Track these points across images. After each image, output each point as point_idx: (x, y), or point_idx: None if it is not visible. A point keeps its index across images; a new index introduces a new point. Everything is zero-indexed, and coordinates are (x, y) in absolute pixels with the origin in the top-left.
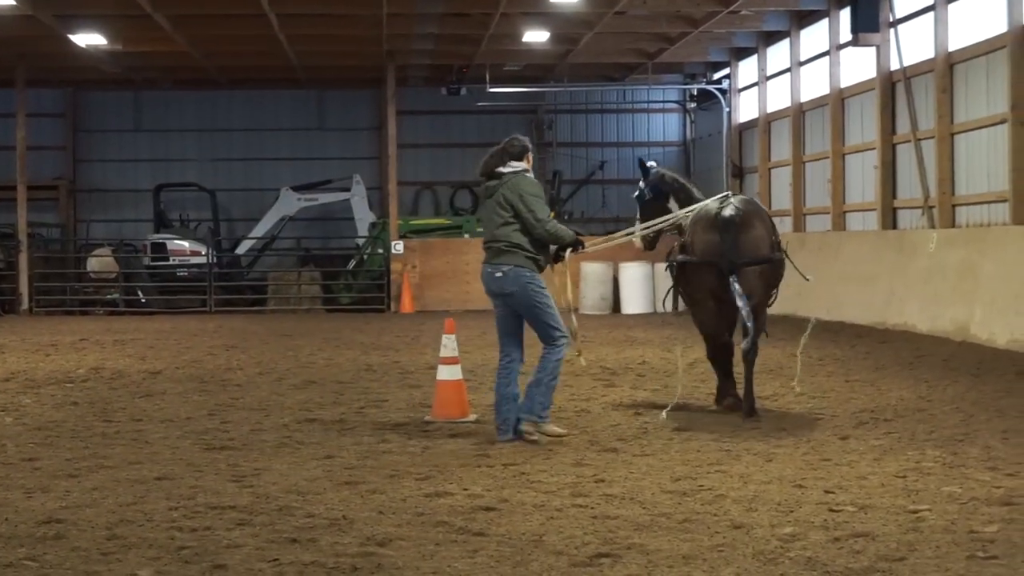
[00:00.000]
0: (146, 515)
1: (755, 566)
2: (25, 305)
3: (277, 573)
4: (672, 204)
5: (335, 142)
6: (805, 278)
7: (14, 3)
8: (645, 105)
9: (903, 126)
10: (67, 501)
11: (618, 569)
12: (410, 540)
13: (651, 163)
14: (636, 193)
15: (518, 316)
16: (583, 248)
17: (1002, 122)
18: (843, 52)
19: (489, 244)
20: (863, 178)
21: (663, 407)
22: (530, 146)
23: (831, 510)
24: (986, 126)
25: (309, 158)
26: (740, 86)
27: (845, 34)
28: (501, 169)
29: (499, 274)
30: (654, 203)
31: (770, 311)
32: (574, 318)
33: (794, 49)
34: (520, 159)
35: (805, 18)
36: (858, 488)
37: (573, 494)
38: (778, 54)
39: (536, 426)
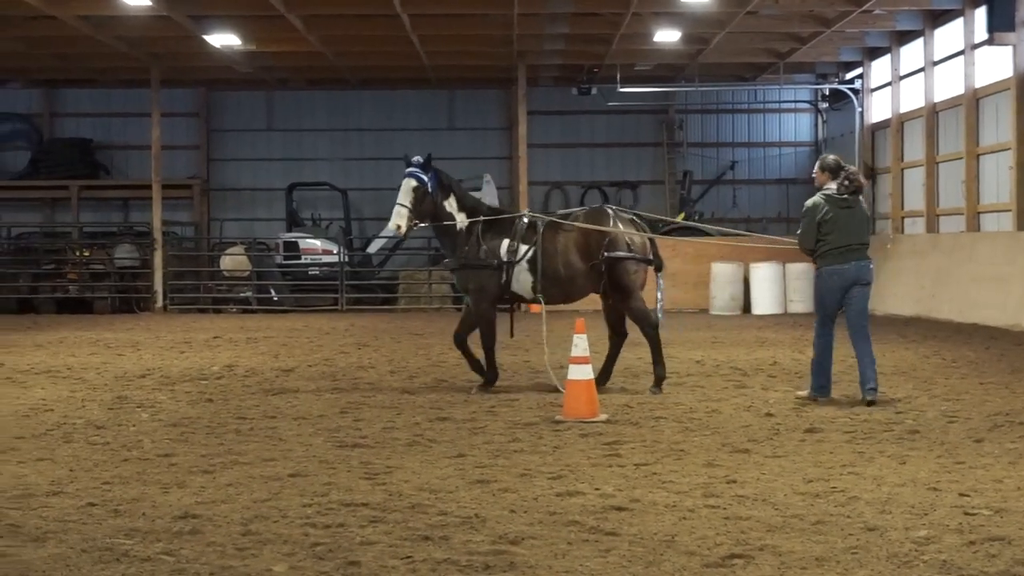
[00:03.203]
0: (280, 511)
1: (889, 569)
2: (160, 303)
3: (410, 570)
4: (451, 201)
5: (465, 142)
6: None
7: (149, 3)
8: (776, 105)
9: None
10: (202, 497)
11: (750, 570)
12: (542, 539)
13: (416, 157)
14: (416, 184)
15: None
16: None
17: None
18: (978, 51)
19: (859, 245)
20: (998, 179)
21: (797, 409)
22: None
23: (966, 513)
24: None
25: (439, 158)
26: (873, 86)
27: (980, 33)
28: None
29: (872, 266)
30: (434, 198)
31: (901, 311)
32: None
33: (928, 48)
34: None
35: (939, 17)
36: (993, 491)
37: (705, 495)
38: (911, 53)
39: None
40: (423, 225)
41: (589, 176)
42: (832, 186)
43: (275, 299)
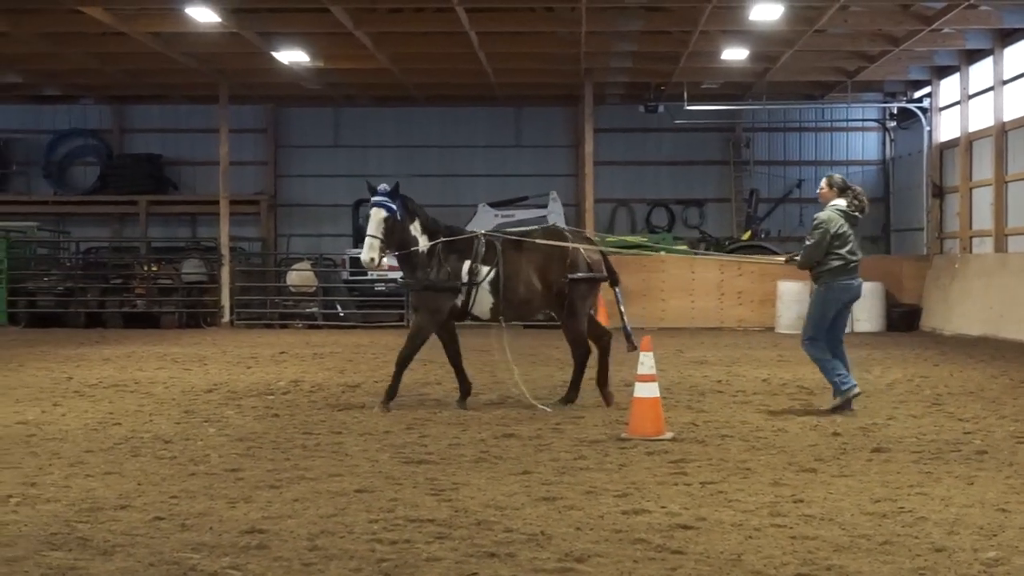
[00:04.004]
0: (347, 527)
1: None
2: (226, 318)
3: None
4: (415, 226)
5: (531, 159)
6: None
7: (219, 20)
8: (844, 124)
9: None
10: (269, 512)
11: None
12: (608, 557)
13: (382, 186)
14: (386, 215)
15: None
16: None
17: None
18: None
19: (858, 262)
20: None
21: (864, 428)
22: None
23: None
24: None
25: (505, 175)
26: (941, 104)
27: None
28: None
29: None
30: (403, 224)
31: (968, 331)
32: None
33: (997, 67)
34: None
35: (1008, 36)
36: None
37: (771, 514)
38: (981, 72)
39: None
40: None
41: (655, 194)
42: (841, 202)
43: (341, 315)
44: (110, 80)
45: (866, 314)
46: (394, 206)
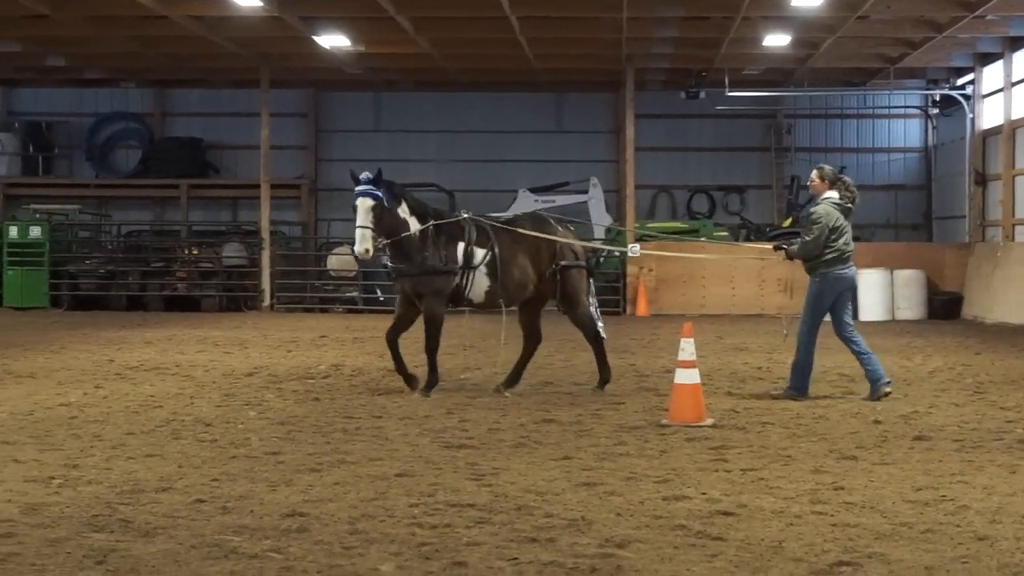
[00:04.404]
0: (387, 511)
1: None
2: (267, 302)
3: (516, 572)
4: (403, 209)
5: (572, 145)
6: None
7: (260, 4)
8: (886, 110)
9: None
10: (310, 495)
11: None
12: (648, 543)
13: (365, 174)
14: (373, 203)
15: None
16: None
17: None
18: None
19: (851, 252)
20: None
21: (905, 416)
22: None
23: None
24: None
25: (546, 160)
26: (984, 92)
27: None
28: None
29: None
30: (391, 210)
31: (1010, 320)
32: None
33: None
34: None
35: None
36: None
37: (812, 501)
38: None
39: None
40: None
41: (696, 180)
42: (833, 194)
43: (381, 299)
44: (152, 64)
45: (907, 302)
46: (380, 193)
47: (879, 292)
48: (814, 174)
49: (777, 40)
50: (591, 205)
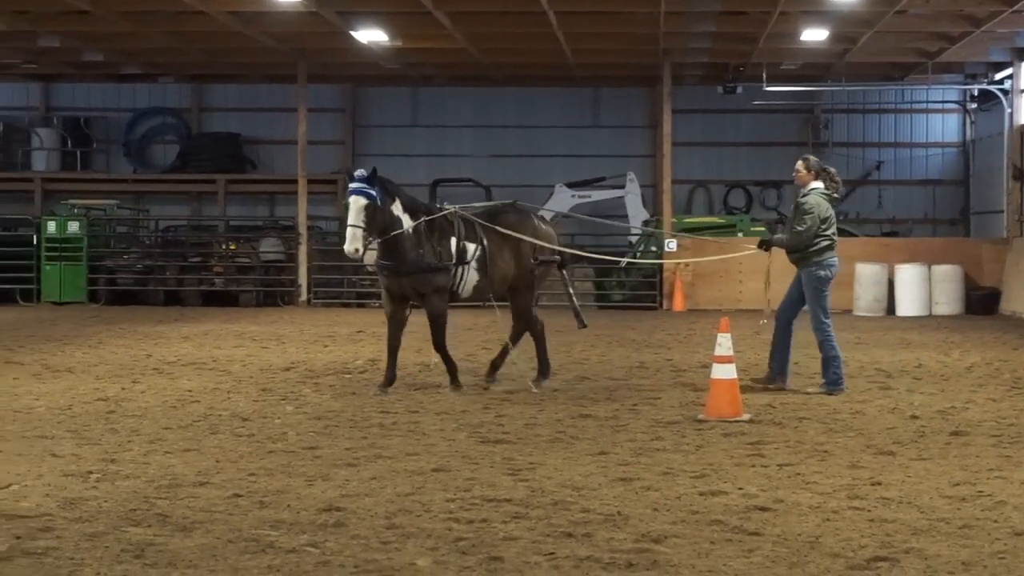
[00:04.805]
0: (424, 506)
1: None
2: (304, 296)
3: (553, 567)
4: (396, 206)
5: (609, 139)
6: None
7: (298, 0)
8: (924, 105)
9: None
10: (347, 490)
11: (896, 573)
12: (685, 538)
13: (359, 171)
14: (366, 202)
15: None
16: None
17: None
18: None
19: (836, 242)
20: None
21: (943, 412)
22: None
23: None
24: None
25: (582, 155)
26: (1022, 86)
27: None
28: None
29: None
30: (383, 207)
31: None
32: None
33: None
34: None
35: None
36: None
37: (849, 496)
38: None
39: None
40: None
41: (733, 175)
42: (819, 184)
43: None
44: (190, 59)
45: (945, 297)
46: (374, 192)
47: (916, 287)
48: (800, 165)
49: (815, 35)
50: (628, 200)
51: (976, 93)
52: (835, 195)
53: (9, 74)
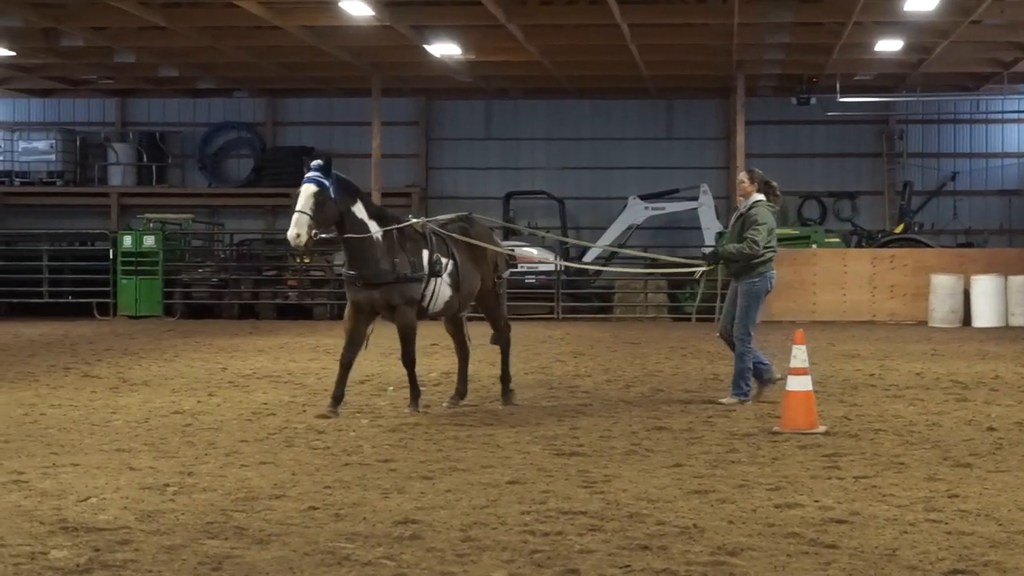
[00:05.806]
0: (499, 518)
1: None
2: None
3: None
4: (358, 208)
5: (682, 151)
6: None
7: (372, 14)
8: (999, 115)
9: None
10: (422, 502)
11: None
12: (761, 550)
13: (315, 162)
14: (316, 189)
15: None
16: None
17: None
18: None
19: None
20: None
21: (1020, 424)
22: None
23: None
24: None
25: (656, 167)
26: None
27: None
28: None
29: None
30: (336, 200)
31: None
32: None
33: None
34: None
35: None
36: None
37: (926, 509)
38: None
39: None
40: (325, 236)
41: (807, 186)
42: (762, 197)
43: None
44: (264, 73)
45: (1022, 308)
46: (326, 181)
47: (992, 298)
48: (744, 176)
49: (889, 45)
50: (701, 212)
51: None
52: (776, 208)
53: (86, 90)
